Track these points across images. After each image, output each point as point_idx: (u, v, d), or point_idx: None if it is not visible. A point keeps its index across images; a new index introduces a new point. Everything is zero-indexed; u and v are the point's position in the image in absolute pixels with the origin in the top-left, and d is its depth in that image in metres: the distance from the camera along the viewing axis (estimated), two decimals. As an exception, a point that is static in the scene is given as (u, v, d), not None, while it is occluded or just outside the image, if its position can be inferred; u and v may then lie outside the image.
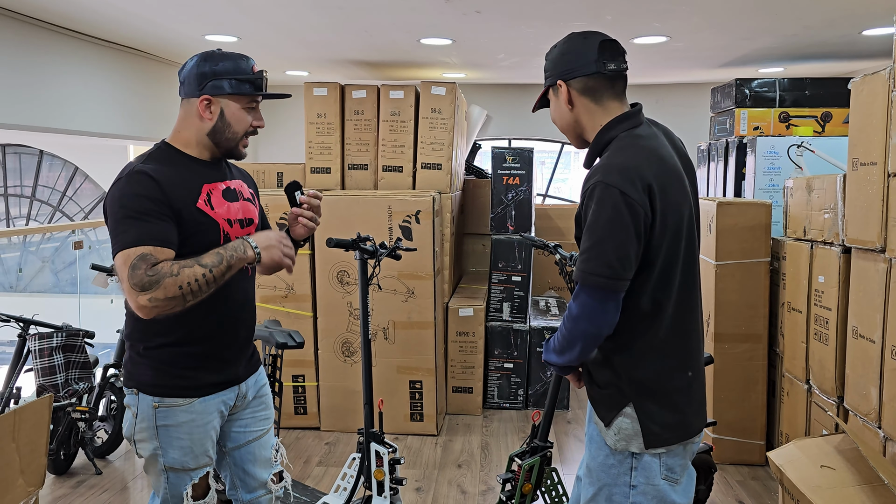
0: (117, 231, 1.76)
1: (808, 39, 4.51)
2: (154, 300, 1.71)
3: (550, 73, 1.82)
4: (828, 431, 3.02)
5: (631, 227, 1.63)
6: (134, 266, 1.71)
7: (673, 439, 1.75)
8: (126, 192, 1.79)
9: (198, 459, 1.96)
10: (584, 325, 1.70)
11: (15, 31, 3.95)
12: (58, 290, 10.94)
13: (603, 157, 1.73)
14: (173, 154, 1.92)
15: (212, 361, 1.96)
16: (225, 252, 1.82)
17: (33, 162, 11.39)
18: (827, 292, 3.08)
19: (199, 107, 1.89)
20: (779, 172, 4.20)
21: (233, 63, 1.89)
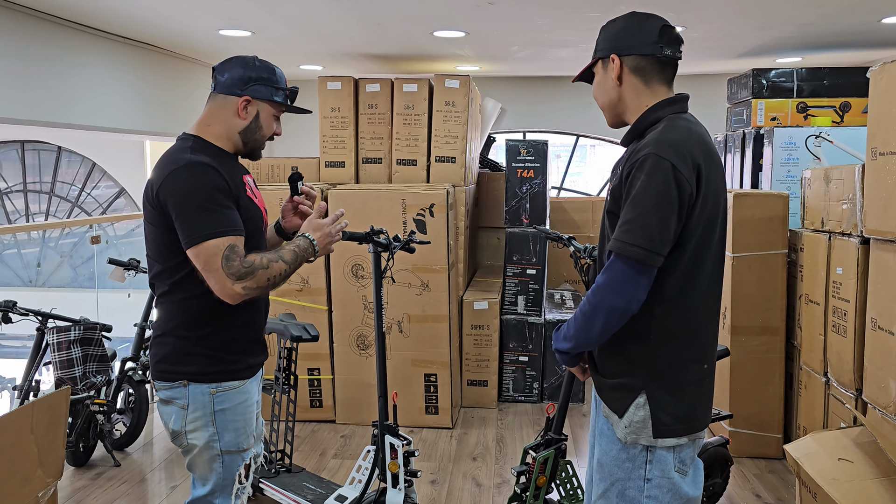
0: (194, 222, 1.85)
1: (827, 28, 4.44)
2: (247, 288, 1.88)
3: (604, 47, 1.79)
4: (846, 424, 2.99)
5: (676, 203, 1.62)
6: (227, 257, 1.85)
7: (681, 431, 1.73)
8: (198, 183, 1.88)
9: (249, 439, 2.08)
10: (613, 297, 1.65)
11: (32, 27, 3.98)
12: (76, 285, 11.07)
13: (652, 133, 1.69)
14: (210, 147, 2.00)
15: (252, 344, 2.10)
16: (299, 250, 1.99)
17: (52, 158, 11.50)
18: (845, 284, 3.04)
19: (239, 105, 2.01)
20: (796, 163, 4.15)
21: (272, 73, 2.05)
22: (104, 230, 8.03)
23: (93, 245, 4.93)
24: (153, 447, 4.07)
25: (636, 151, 1.68)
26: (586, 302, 1.71)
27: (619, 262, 1.64)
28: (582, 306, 1.72)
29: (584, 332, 1.72)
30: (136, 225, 10.23)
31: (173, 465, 3.82)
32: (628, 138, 1.80)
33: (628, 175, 1.67)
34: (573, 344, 1.76)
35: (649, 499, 1.74)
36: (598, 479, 1.83)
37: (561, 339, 1.80)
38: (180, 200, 1.86)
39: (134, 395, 3.94)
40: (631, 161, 1.67)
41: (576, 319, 1.74)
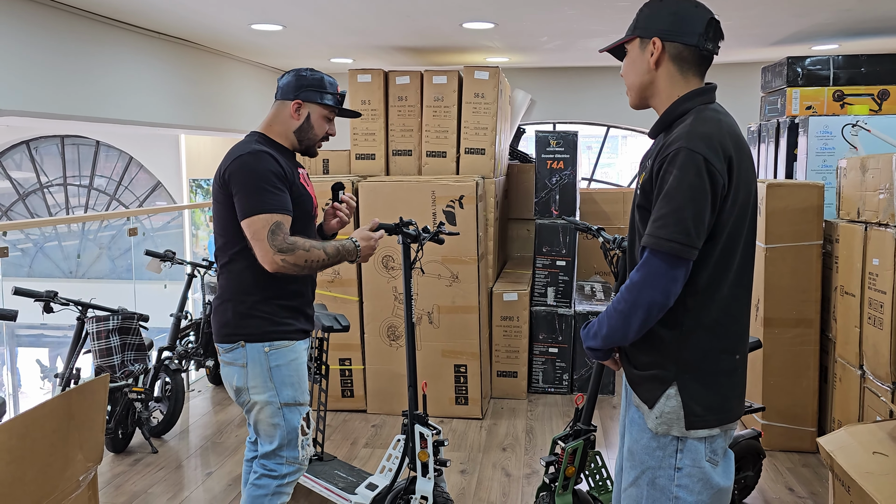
0: (252, 198, 2.16)
1: (865, 14, 4.34)
2: (285, 262, 2.15)
3: (646, 27, 1.74)
4: (882, 418, 2.94)
5: (709, 195, 1.62)
6: (273, 231, 2.14)
7: (714, 422, 1.73)
8: (258, 167, 2.20)
9: (304, 395, 2.36)
10: (651, 293, 1.64)
11: (70, 24, 4.08)
12: (114, 276, 11.31)
13: (682, 126, 1.68)
14: (272, 142, 2.35)
15: (301, 314, 2.37)
16: (342, 248, 2.28)
17: (90, 152, 11.75)
18: (882, 275, 2.99)
19: (292, 108, 2.35)
20: (832, 153, 4.07)
21: (323, 80, 2.39)
22: (140, 222, 8.20)
23: (130, 237, 5.03)
24: (189, 435, 4.16)
25: (666, 146, 1.66)
26: (621, 300, 1.69)
27: (655, 257, 1.63)
28: (616, 304, 1.70)
29: (621, 329, 1.71)
30: (171, 217, 10.42)
31: (209, 452, 3.90)
32: (657, 129, 1.79)
33: (659, 169, 1.65)
34: (607, 341, 1.76)
35: (679, 488, 1.73)
36: (629, 467, 1.83)
37: (591, 336, 1.80)
38: (241, 180, 2.18)
39: (171, 384, 4.03)
40: (662, 155, 1.66)
41: (609, 317, 1.73)
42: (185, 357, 4.51)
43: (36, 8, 3.83)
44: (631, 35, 1.78)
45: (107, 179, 11.78)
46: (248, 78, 6.17)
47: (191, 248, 8.83)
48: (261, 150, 2.24)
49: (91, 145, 11.67)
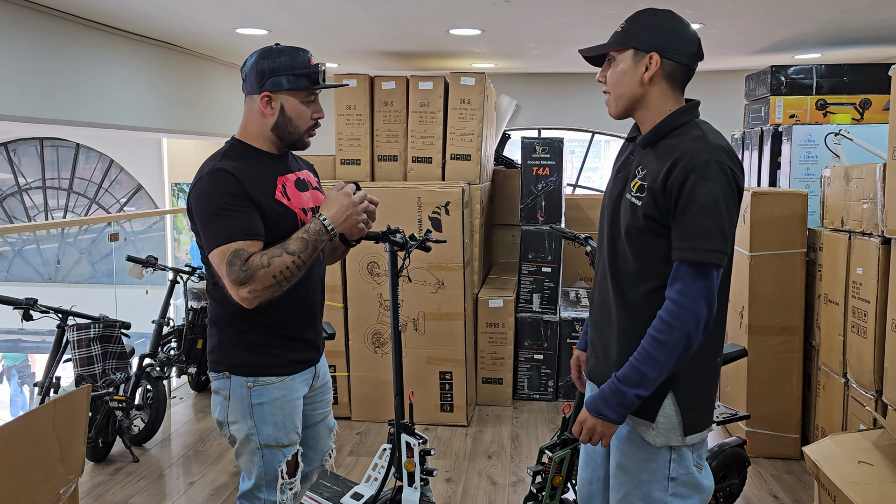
0: (208, 229, 1.89)
1: (848, 24, 4.39)
2: (253, 291, 1.85)
3: (644, 40, 1.72)
4: (865, 426, 2.96)
5: (738, 205, 1.68)
6: (230, 262, 1.85)
7: (707, 424, 1.78)
8: (210, 189, 1.89)
9: (289, 436, 2.08)
10: (705, 308, 1.63)
11: (51, 27, 4.02)
12: (94, 281, 11.17)
13: (692, 138, 1.68)
14: (246, 149, 2.01)
15: (296, 342, 2.09)
16: (308, 236, 1.91)
17: (70, 155, 11.60)
18: (865, 284, 3.01)
19: (261, 104, 1.97)
20: (815, 161, 4.11)
21: (289, 58, 1.96)
22: (121, 227, 8.11)
23: (111, 242, 4.97)
24: (171, 443, 4.10)
25: (683, 157, 1.64)
26: (668, 328, 1.63)
27: (698, 270, 1.63)
28: (662, 333, 1.64)
29: (678, 356, 1.64)
30: (153, 221, 10.31)
31: (191, 461, 3.85)
32: (648, 141, 1.76)
33: (684, 181, 1.63)
34: (660, 378, 1.66)
35: (674, 497, 1.75)
36: (619, 483, 1.82)
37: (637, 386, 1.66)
38: (197, 209, 1.91)
39: (152, 392, 3.98)
40: (685, 167, 1.63)
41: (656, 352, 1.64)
42: (167, 364, 4.45)
43: (17, 10, 3.77)
44: (623, 44, 1.75)
45: (87, 182, 11.64)
46: (233, 82, 6.12)
47: (173, 252, 8.74)
48: (218, 168, 1.91)
49: (71, 147, 11.53)
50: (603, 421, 1.70)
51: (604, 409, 1.69)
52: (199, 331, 4.66)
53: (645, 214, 1.69)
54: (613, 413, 1.68)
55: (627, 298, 1.77)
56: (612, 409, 1.68)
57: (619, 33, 1.77)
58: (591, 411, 1.71)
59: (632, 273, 1.76)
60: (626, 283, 1.77)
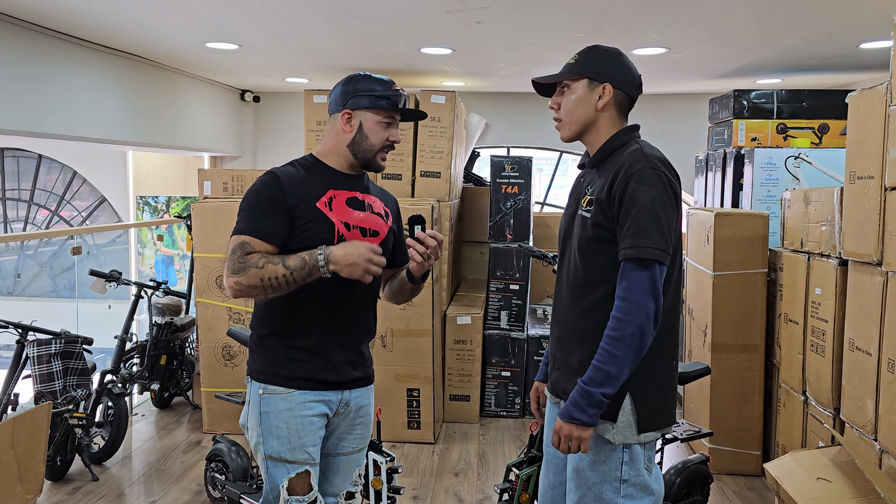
0: (237, 219, 2.00)
1: (807, 52, 4.53)
2: (238, 284, 1.90)
3: (599, 71, 1.90)
4: (824, 443, 3.03)
5: (674, 210, 1.81)
6: (233, 250, 1.93)
7: (661, 424, 1.87)
8: (255, 188, 2.02)
9: (294, 453, 2.03)
10: (650, 301, 1.75)
11: (16, 36, 3.96)
12: (55, 295, 10.92)
13: (630, 152, 1.84)
14: (314, 163, 2.10)
15: (316, 358, 2.05)
16: (309, 259, 1.91)
17: (31, 165, 11.38)
18: (824, 304, 3.09)
19: (342, 120, 2.06)
20: (776, 183, 4.21)
21: (373, 82, 2.06)
22: (84, 240, 7.96)
23: (73, 255, 4.88)
24: (132, 461, 4.02)
25: (622, 167, 1.81)
26: (621, 324, 1.74)
27: (642, 266, 1.75)
28: (615, 330, 1.74)
29: (636, 350, 1.74)
30: (116, 234, 10.14)
31: (152, 479, 3.78)
32: (595, 161, 1.94)
33: (625, 187, 1.78)
34: (624, 374, 1.75)
35: (626, 498, 1.85)
36: (574, 487, 1.91)
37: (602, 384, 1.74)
38: (241, 202, 2.03)
39: (113, 409, 3.90)
40: (625, 175, 1.80)
41: (614, 349, 1.74)
42: (130, 380, 4.38)
43: (-20, 19, 3.71)
44: (579, 74, 1.91)
45: (48, 193, 11.42)
46: (202, 95, 6.08)
47: (136, 266, 8.60)
48: (272, 170, 2.04)
49: (33, 158, 11.31)
50: (576, 425, 1.78)
51: (575, 412, 1.77)
52: (163, 346, 4.59)
53: (594, 223, 1.85)
54: (584, 415, 1.76)
55: (582, 306, 1.89)
56: (583, 411, 1.76)
57: (573, 64, 1.94)
58: (564, 417, 1.80)
59: (584, 282, 1.89)
60: (579, 293, 1.90)
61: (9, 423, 2.07)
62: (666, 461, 3.41)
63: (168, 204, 8.88)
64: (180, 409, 4.89)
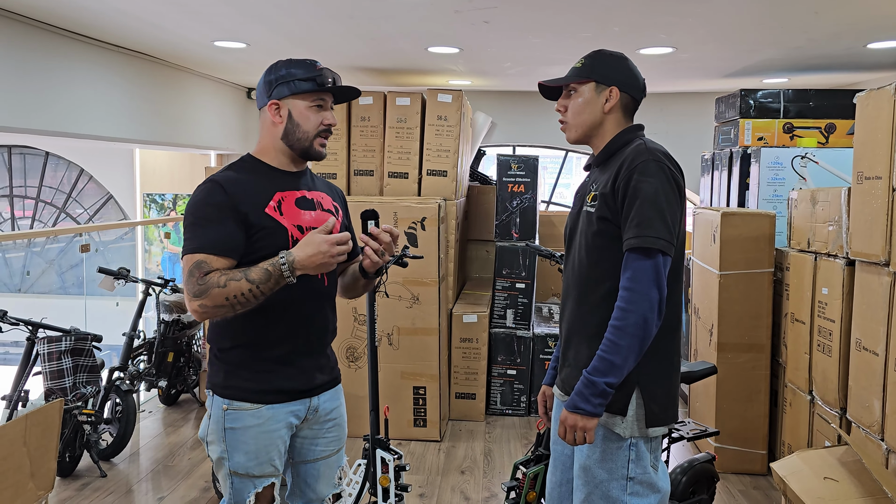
0: (185, 236, 1.89)
1: (813, 52, 4.53)
2: (203, 307, 1.81)
3: (605, 75, 1.94)
4: (830, 443, 3.03)
5: (678, 202, 1.84)
6: (190, 272, 1.82)
7: (669, 419, 1.89)
8: (196, 199, 1.90)
9: (262, 467, 1.97)
10: (654, 291, 1.76)
11: (24, 35, 3.98)
12: (62, 292, 10.97)
13: (634, 148, 1.88)
14: (253, 163, 2.00)
15: (284, 368, 1.98)
16: (273, 269, 1.82)
17: (38, 163, 11.42)
18: (830, 304, 3.10)
19: (270, 112, 1.96)
20: (783, 183, 4.21)
21: (295, 66, 1.96)
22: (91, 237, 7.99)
23: (82, 253, 4.91)
24: (140, 457, 4.04)
25: (626, 161, 1.85)
26: (625, 315, 1.76)
27: (645, 256, 1.77)
28: (619, 319, 1.76)
29: (640, 339, 1.76)
30: (124, 232, 10.18)
31: (160, 476, 3.80)
32: (600, 160, 1.97)
33: (628, 180, 1.81)
34: (629, 363, 1.77)
35: (632, 495, 1.87)
36: (581, 485, 1.93)
37: (606, 374, 1.76)
38: (185, 216, 1.91)
39: (121, 405, 3.93)
40: (628, 169, 1.82)
41: (619, 338, 1.76)
42: (137, 377, 4.40)
43: (-10, 17, 3.73)
44: (586, 78, 1.95)
45: (54, 191, 11.46)
46: (209, 94, 6.10)
47: (143, 264, 8.63)
48: (212, 179, 1.92)
49: (40, 156, 11.35)
50: (581, 415, 1.79)
51: (580, 403, 1.79)
52: (170, 344, 4.61)
53: (599, 217, 1.87)
54: (588, 405, 1.78)
55: (589, 302, 1.92)
56: (587, 401, 1.78)
57: (580, 68, 1.98)
58: (569, 408, 1.81)
59: (590, 278, 1.91)
60: (586, 289, 1.93)
61: (21, 420, 2.09)
62: (672, 460, 3.42)
63: (175, 202, 8.91)
64: (187, 406, 4.92)
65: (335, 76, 1.99)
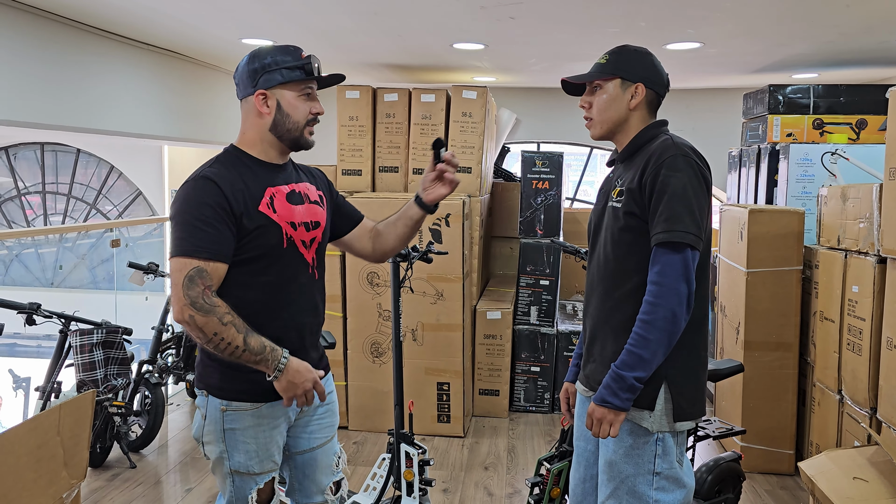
0: (176, 235, 1.81)
1: (845, 46, 4.45)
2: (192, 319, 1.75)
3: (630, 71, 1.94)
4: (860, 443, 2.99)
5: (706, 197, 1.84)
6: (191, 278, 1.76)
7: (696, 414, 1.89)
8: (190, 197, 1.82)
9: (263, 464, 1.97)
10: (683, 285, 1.76)
11: (56, 33, 4.05)
12: (93, 286, 11.16)
13: (660, 143, 1.88)
14: (240, 157, 1.94)
15: None
16: (271, 354, 1.81)
17: (70, 160, 11.62)
18: (861, 302, 3.05)
19: (256, 102, 1.90)
20: (812, 180, 4.15)
21: (280, 54, 1.90)
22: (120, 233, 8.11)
23: (112, 248, 4.99)
24: (168, 449, 4.11)
25: (653, 156, 1.85)
26: (653, 307, 1.76)
27: (674, 251, 1.77)
28: (648, 314, 1.77)
29: (669, 333, 1.76)
30: (152, 228, 10.33)
31: (188, 467, 3.86)
32: (625, 155, 1.97)
33: (656, 175, 1.81)
34: (657, 357, 1.77)
35: (658, 490, 1.87)
36: (607, 479, 1.93)
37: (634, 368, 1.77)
38: (173, 213, 1.84)
39: (150, 398, 3.99)
40: (656, 164, 1.82)
41: (647, 332, 1.76)
42: (166, 371, 4.46)
43: (20, 16, 3.81)
44: (611, 74, 1.95)
45: (85, 187, 11.65)
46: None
47: (171, 259, 8.75)
48: (202, 175, 1.85)
49: (71, 153, 11.55)
50: (609, 409, 1.80)
51: (608, 396, 1.80)
52: (198, 338, 4.66)
53: (626, 212, 1.87)
54: (616, 399, 1.79)
55: (615, 297, 1.91)
56: (615, 395, 1.79)
57: (605, 64, 1.97)
58: (597, 401, 1.82)
59: (616, 273, 1.91)
60: (612, 284, 1.92)
61: (55, 410, 2.14)
62: (698, 459, 3.39)
63: (202, 198, 8.99)
64: (214, 399, 4.98)
65: (319, 63, 1.96)
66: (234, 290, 1.86)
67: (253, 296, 1.89)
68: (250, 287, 1.89)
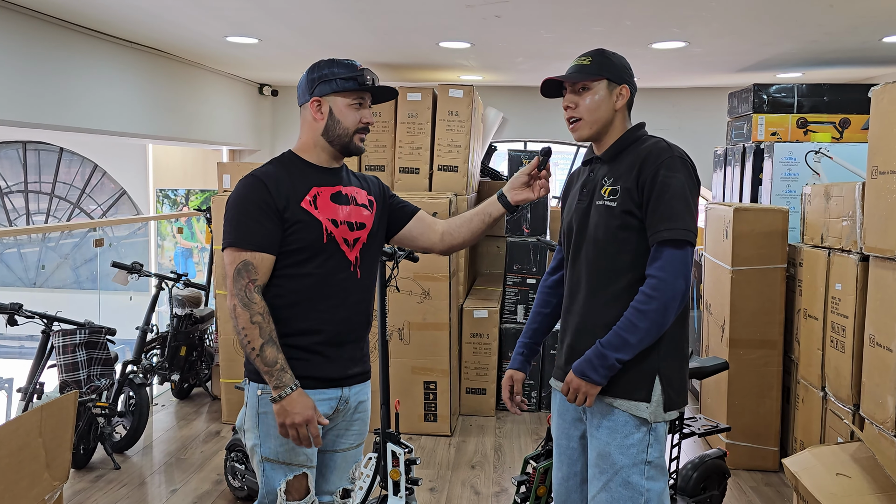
0: (227, 228, 1.98)
1: (828, 46, 4.49)
2: (234, 310, 1.91)
3: (616, 73, 1.99)
4: (843, 439, 3.02)
5: (696, 198, 1.93)
6: (239, 271, 1.93)
7: (681, 403, 1.97)
8: (238, 194, 1.99)
9: (292, 454, 2.01)
10: (681, 281, 1.83)
11: (39, 31, 4.01)
12: (76, 286, 11.06)
13: (650, 144, 1.95)
14: (293, 159, 2.08)
15: (315, 357, 2.02)
16: (277, 372, 1.89)
17: (53, 158, 11.51)
18: (844, 300, 3.08)
19: (311, 109, 2.04)
20: (796, 178, 4.19)
21: (337, 66, 2.04)
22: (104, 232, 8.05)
23: (96, 248, 4.95)
24: (153, 450, 4.08)
25: (650, 156, 1.90)
26: (649, 299, 1.83)
27: (676, 248, 1.84)
28: (642, 304, 1.84)
29: (658, 324, 1.83)
30: (136, 227, 10.25)
31: (173, 468, 3.83)
32: (611, 155, 2.01)
33: (655, 175, 1.87)
34: (641, 344, 1.85)
35: (649, 480, 1.92)
36: (599, 472, 1.95)
37: (617, 349, 1.85)
38: (226, 210, 2.00)
39: (135, 399, 3.96)
40: (654, 164, 1.88)
41: (637, 320, 1.84)
42: (150, 371, 4.43)
43: (4, 14, 3.76)
44: (598, 75, 1.98)
45: (69, 186, 11.55)
46: (222, 89, 6.12)
47: (156, 259, 8.69)
48: (253, 174, 2.01)
49: (54, 151, 11.44)
50: (587, 382, 1.88)
51: (588, 370, 1.87)
52: (183, 338, 4.64)
53: (622, 211, 1.91)
54: (596, 374, 1.86)
55: (606, 295, 1.95)
56: (595, 371, 1.86)
57: (590, 66, 2.00)
58: (577, 373, 1.89)
59: (608, 271, 1.95)
60: (603, 282, 1.96)
61: (37, 411, 2.12)
62: (683, 456, 3.41)
63: (187, 197, 8.96)
64: (200, 399, 4.95)
65: (374, 76, 2.07)
66: (279, 280, 1.99)
67: (295, 286, 2.00)
68: (293, 278, 2.00)
